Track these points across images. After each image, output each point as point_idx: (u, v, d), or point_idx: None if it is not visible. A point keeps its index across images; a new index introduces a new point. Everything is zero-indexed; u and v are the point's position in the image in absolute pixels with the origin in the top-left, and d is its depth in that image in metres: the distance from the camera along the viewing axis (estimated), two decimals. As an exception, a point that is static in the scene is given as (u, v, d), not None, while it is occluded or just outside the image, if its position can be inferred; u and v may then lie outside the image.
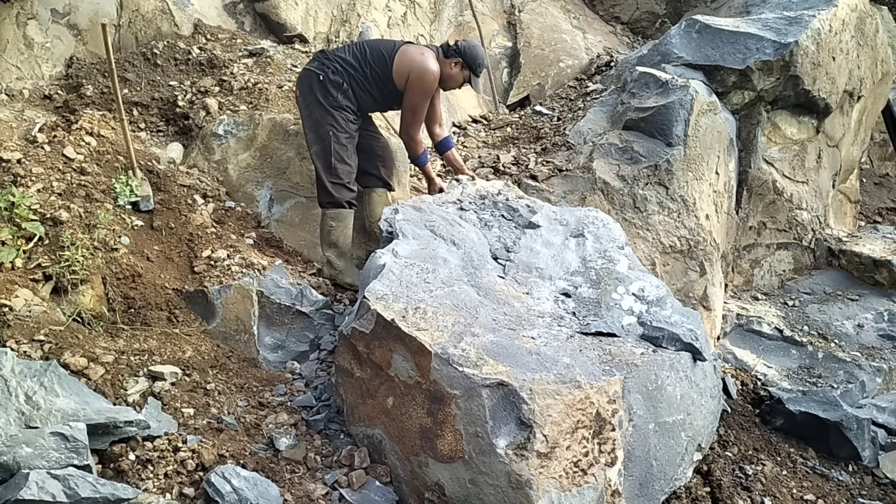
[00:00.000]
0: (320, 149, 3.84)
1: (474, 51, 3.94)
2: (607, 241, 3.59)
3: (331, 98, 3.81)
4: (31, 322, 2.95)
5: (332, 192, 3.86)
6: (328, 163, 3.83)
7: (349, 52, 3.91)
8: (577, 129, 4.77)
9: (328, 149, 3.81)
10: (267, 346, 3.56)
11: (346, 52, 3.92)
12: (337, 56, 3.90)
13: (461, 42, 3.98)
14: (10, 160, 3.51)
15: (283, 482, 2.69)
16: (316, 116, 3.85)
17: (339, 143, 3.82)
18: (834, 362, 4.41)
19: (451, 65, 3.92)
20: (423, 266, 3.16)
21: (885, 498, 3.73)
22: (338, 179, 3.86)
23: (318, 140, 3.84)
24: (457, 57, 3.92)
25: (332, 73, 3.83)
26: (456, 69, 3.94)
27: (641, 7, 7.82)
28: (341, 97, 3.82)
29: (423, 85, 3.83)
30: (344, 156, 3.85)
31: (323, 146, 3.83)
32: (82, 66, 4.47)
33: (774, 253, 5.21)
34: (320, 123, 3.83)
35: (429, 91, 3.88)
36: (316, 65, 3.90)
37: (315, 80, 3.84)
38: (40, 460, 2.31)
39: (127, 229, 3.56)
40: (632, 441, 2.72)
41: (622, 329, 3.02)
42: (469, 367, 2.57)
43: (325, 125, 3.82)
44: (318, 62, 3.91)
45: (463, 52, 3.92)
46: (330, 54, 3.93)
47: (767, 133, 4.95)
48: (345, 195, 3.90)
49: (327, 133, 3.81)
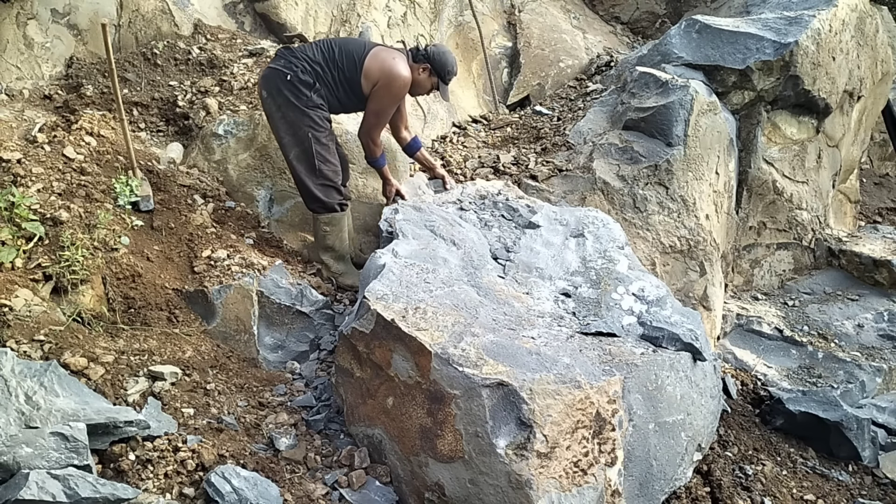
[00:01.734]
0: (300, 151, 3.68)
1: (444, 57, 3.77)
2: (607, 241, 3.59)
3: (304, 97, 3.63)
4: (31, 322, 2.95)
5: (320, 197, 3.74)
6: (311, 165, 3.68)
7: (317, 51, 3.72)
8: (577, 129, 4.77)
9: (309, 151, 3.66)
10: (267, 346, 3.56)
11: (314, 50, 3.73)
12: (304, 55, 3.68)
13: (431, 48, 3.80)
14: (10, 160, 3.51)
15: (283, 482, 2.69)
16: (291, 118, 3.65)
17: (319, 144, 3.67)
18: (834, 362, 4.40)
19: (419, 70, 3.76)
20: (423, 266, 3.16)
21: (885, 498, 3.73)
22: (325, 181, 3.72)
23: (296, 143, 3.68)
24: (425, 63, 3.76)
25: (301, 72, 3.63)
26: (424, 75, 3.78)
27: (641, 7, 7.82)
28: (314, 96, 3.65)
29: (391, 91, 3.68)
30: (327, 155, 3.71)
31: (303, 148, 3.67)
32: (82, 66, 4.47)
33: (774, 253, 5.21)
34: (297, 125, 3.64)
35: (397, 97, 3.74)
36: (282, 62, 3.67)
37: (281, 79, 3.62)
38: (40, 460, 2.31)
39: (127, 229, 3.56)
40: (632, 441, 2.73)
41: (622, 329, 3.02)
42: (469, 367, 2.57)
43: (302, 126, 3.64)
44: (283, 60, 3.68)
45: (432, 59, 3.76)
46: (297, 52, 3.70)
47: (767, 133, 4.95)
48: (334, 197, 3.77)
49: (306, 135, 3.64)
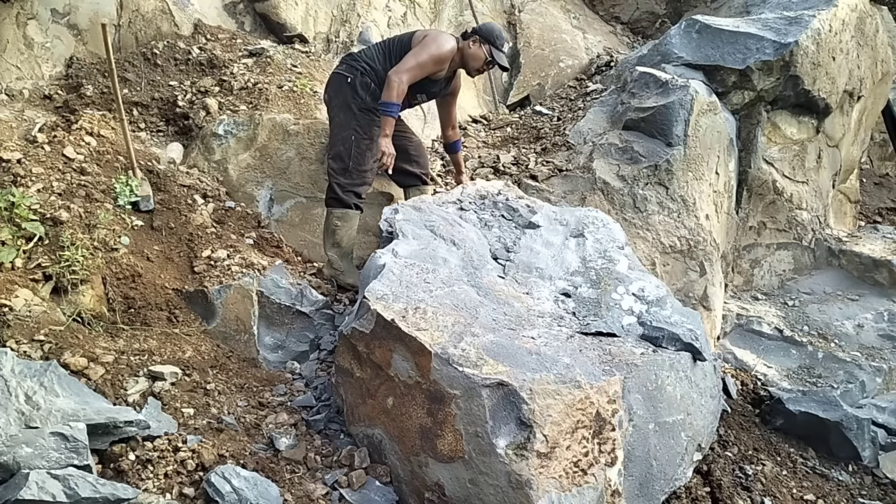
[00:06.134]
0: (339, 151, 3.88)
1: (489, 25, 4.03)
2: (607, 241, 3.59)
3: (359, 100, 3.86)
4: (31, 322, 2.95)
5: (341, 194, 3.90)
6: (345, 166, 3.88)
7: (375, 51, 3.96)
8: (577, 129, 4.77)
9: (349, 151, 3.87)
10: (267, 346, 3.56)
11: (374, 51, 3.98)
12: (363, 57, 3.94)
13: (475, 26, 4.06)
14: (10, 160, 3.51)
15: (283, 482, 2.69)
16: (341, 119, 3.90)
17: (358, 149, 3.87)
18: (834, 362, 4.40)
19: (469, 44, 3.94)
20: (423, 266, 3.15)
21: (885, 498, 3.73)
22: (351, 182, 3.90)
23: (340, 142, 3.89)
24: (474, 35, 3.96)
25: (360, 74, 3.87)
26: (475, 46, 3.93)
27: (641, 7, 7.81)
28: (369, 98, 3.85)
29: (435, 43, 3.81)
30: (362, 160, 3.89)
31: (345, 148, 3.87)
32: (82, 66, 4.47)
33: (774, 253, 5.21)
34: (344, 126, 3.89)
35: (437, 54, 3.81)
36: (344, 67, 3.95)
37: (344, 82, 3.90)
38: (40, 460, 2.31)
39: (127, 229, 3.56)
40: (632, 441, 2.73)
41: (622, 329, 3.02)
42: (469, 367, 2.57)
43: (348, 129, 3.87)
44: (345, 65, 3.97)
45: (478, 30, 4.00)
46: (358, 56, 3.98)
47: (767, 133, 4.94)
48: (353, 197, 3.94)
49: (349, 137, 3.86)
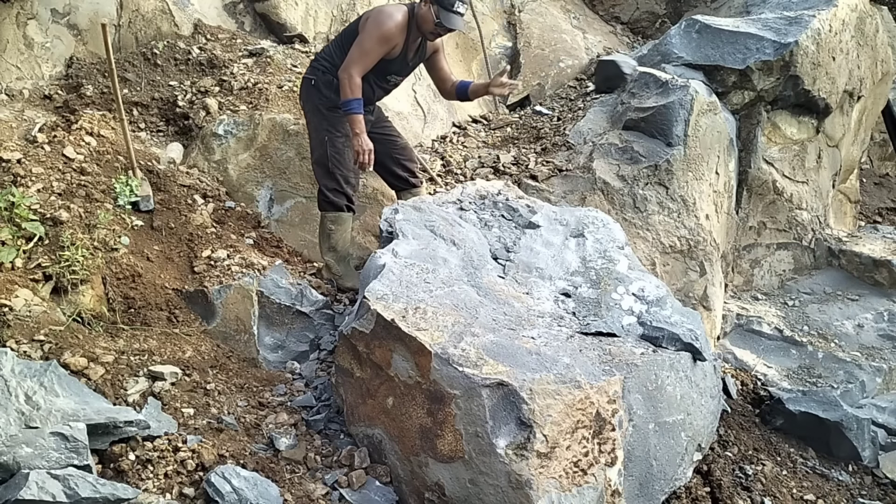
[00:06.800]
0: (320, 155, 3.84)
1: None
2: (607, 241, 3.59)
3: (325, 99, 3.78)
4: (31, 322, 2.95)
5: (330, 197, 3.86)
6: (326, 168, 3.83)
7: (333, 47, 3.85)
8: (577, 129, 4.77)
9: (325, 154, 3.81)
10: (267, 346, 3.55)
11: (330, 48, 3.86)
12: (322, 55, 3.87)
13: None
14: (10, 160, 3.51)
15: (283, 482, 2.69)
16: (314, 123, 3.85)
17: (335, 148, 3.80)
18: (834, 362, 4.40)
19: (421, 5, 3.62)
20: (423, 266, 3.15)
21: (885, 498, 3.73)
22: (336, 184, 3.84)
23: (318, 146, 3.85)
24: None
25: (322, 72, 3.79)
26: (425, 8, 3.59)
27: (641, 7, 7.80)
28: (334, 96, 3.75)
29: (374, 27, 3.56)
30: (341, 160, 3.83)
31: (322, 152, 3.82)
32: (82, 66, 4.47)
33: (774, 253, 5.21)
34: (318, 129, 3.83)
35: (380, 35, 3.57)
36: (308, 70, 3.89)
37: (309, 85, 3.83)
38: (40, 460, 2.31)
39: (127, 229, 3.56)
40: (632, 441, 2.72)
41: (622, 329, 3.02)
42: (469, 367, 2.57)
43: (321, 130, 3.81)
44: (310, 68, 3.90)
45: None
46: (318, 55, 3.91)
47: (767, 133, 4.94)
48: (343, 199, 3.89)
49: (323, 139, 3.80)
